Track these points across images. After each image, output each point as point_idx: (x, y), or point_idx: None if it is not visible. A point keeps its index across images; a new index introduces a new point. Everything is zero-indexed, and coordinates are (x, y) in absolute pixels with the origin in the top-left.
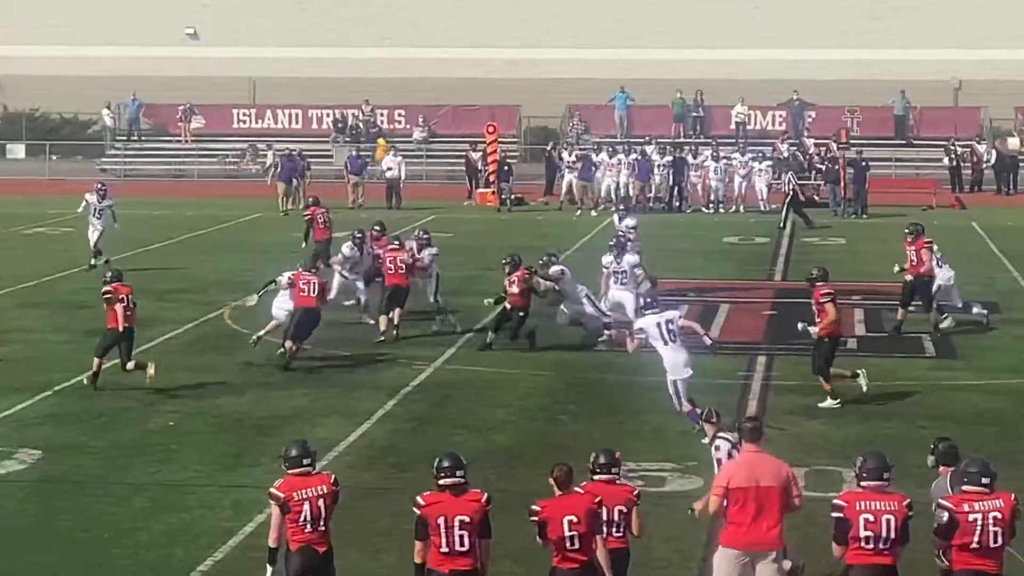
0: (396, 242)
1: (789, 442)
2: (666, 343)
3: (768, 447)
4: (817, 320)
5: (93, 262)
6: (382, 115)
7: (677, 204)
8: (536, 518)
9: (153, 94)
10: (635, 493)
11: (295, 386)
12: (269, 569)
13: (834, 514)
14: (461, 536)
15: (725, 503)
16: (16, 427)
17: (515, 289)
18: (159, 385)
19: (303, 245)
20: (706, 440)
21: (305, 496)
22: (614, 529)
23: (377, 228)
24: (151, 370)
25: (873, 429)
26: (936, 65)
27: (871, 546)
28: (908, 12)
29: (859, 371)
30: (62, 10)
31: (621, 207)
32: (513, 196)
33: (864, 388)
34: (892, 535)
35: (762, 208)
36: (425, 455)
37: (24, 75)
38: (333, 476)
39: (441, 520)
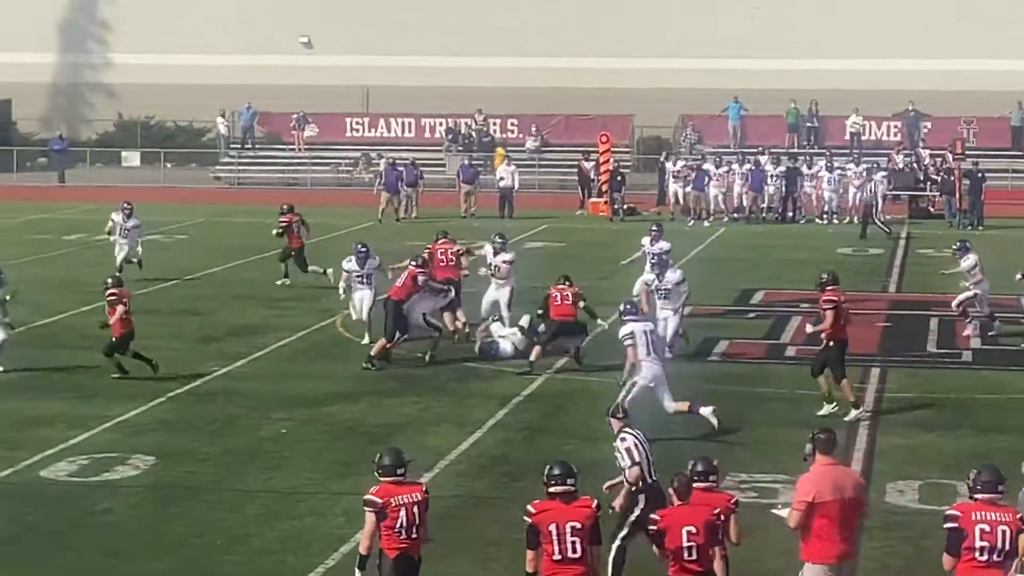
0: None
1: (903, 455)
2: (648, 353)
3: (886, 459)
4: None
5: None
6: (495, 124)
7: (790, 214)
8: (655, 527)
9: (267, 103)
10: (733, 501)
11: (407, 394)
12: (358, 574)
13: (948, 525)
14: (573, 543)
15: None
16: (130, 433)
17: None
18: (272, 393)
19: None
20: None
21: (401, 502)
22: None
23: (443, 235)
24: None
25: (988, 442)
26: None
27: (985, 557)
28: None
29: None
30: (177, 19)
31: (653, 227)
32: (626, 206)
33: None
34: (1007, 547)
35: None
36: (536, 464)
37: (139, 83)
38: (425, 484)
39: (553, 527)
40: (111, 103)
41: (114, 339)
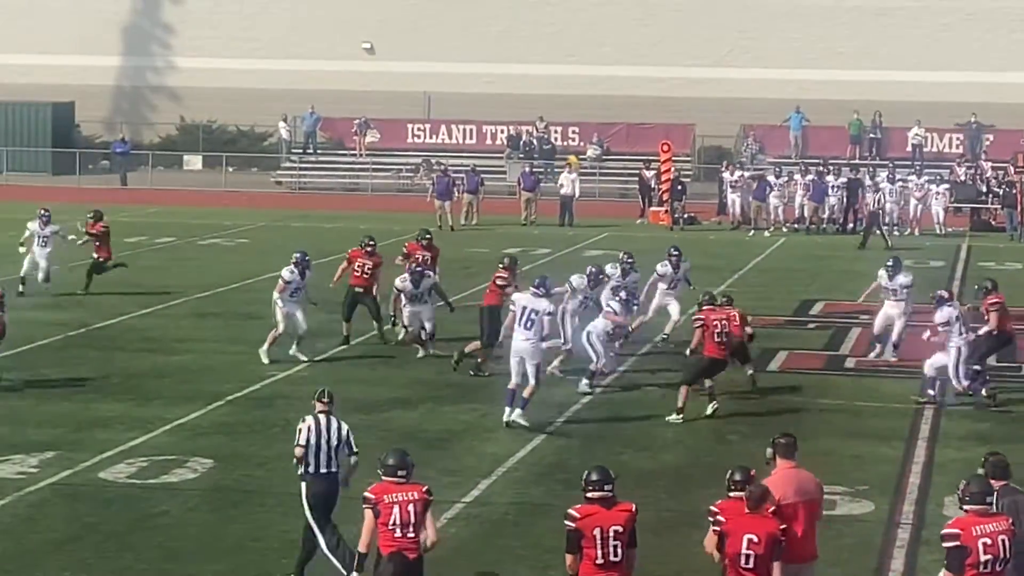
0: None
1: (959, 468)
2: (519, 326)
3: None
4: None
5: (20, 289)
6: (556, 132)
7: (851, 226)
8: (719, 528)
9: (329, 108)
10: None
11: (464, 401)
12: (354, 575)
13: (949, 544)
14: (615, 546)
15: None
16: (189, 436)
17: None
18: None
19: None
20: None
21: (395, 500)
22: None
23: (426, 238)
24: None
25: None
26: None
27: (988, 570)
28: None
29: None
30: (240, 23)
31: (627, 257)
32: (686, 215)
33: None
34: (1007, 556)
35: (938, 231)
36: None
37: (202, 87)
38: (427, 486)
39: (597, 532)
40: (173, 106)
41: None
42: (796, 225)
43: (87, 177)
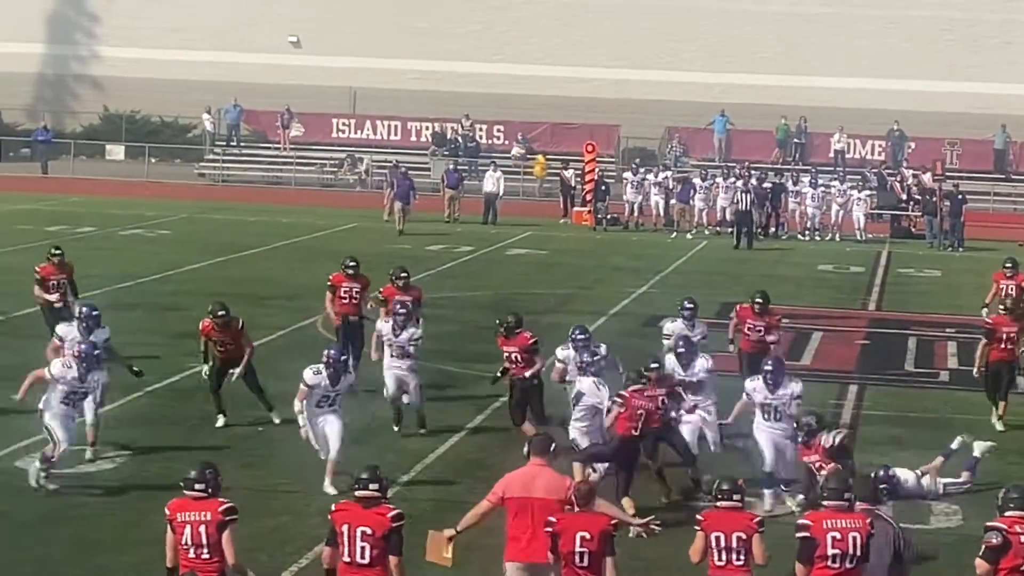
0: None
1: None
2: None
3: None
4: None
5: None
6: (481, 130)
7: (773, 230)
8: (806, 533)
9: (254, 101)
10: (756, 520)
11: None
12: None
13: (800, 534)
14: (363, 548)
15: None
16: (105, 427)
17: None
18: (249, 391)
19: None
20: None
21: (187, 519)
22: (734, 556)
23: (401, 277)
24: None
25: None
26: None
27: (837, 564)
28: (1012, 46)
29: None
30: (166, 14)
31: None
32: (609, 215)
33: None
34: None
35: (859, 237)
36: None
37: (125, 77)
38: (227, 504)
39: (345, 528)
40: (97, 96)
41: None
42: (718, 228)
43: (7, 164)
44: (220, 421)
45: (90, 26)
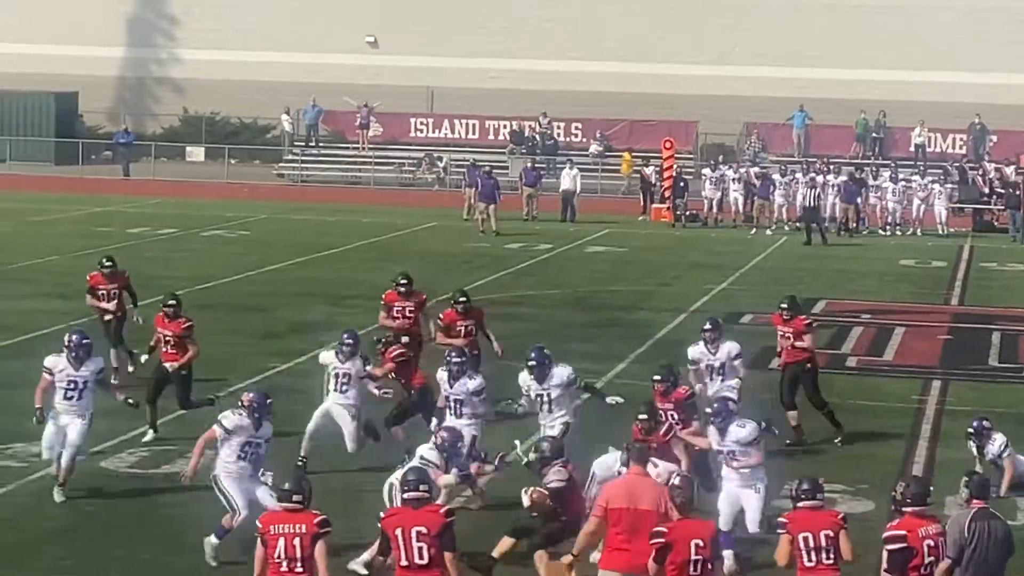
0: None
1: (960, 468)
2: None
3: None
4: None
5: None
6: (559, 128)
7: (854, 225)
8: (902, 544)
9: (332, 101)
10: (840, 517)
11: None
12: None
13: (890, 546)
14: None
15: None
16: (189, 426)
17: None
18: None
19: None
20: None
21: (281, 531)
22: (824, 555)
23: (460, 301)
24: None
25: None
26: None
27: (928, 573)
28: None
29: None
30: (244, 16)
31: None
32: (688, 212)
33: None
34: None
35: (941, 231)
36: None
37: (205, 79)
38: (321, 517)
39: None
40: (177, 98)
41: None
42: (798, 224)
43: (90, 167)
44: (149, 435)
45: (169, 29)
